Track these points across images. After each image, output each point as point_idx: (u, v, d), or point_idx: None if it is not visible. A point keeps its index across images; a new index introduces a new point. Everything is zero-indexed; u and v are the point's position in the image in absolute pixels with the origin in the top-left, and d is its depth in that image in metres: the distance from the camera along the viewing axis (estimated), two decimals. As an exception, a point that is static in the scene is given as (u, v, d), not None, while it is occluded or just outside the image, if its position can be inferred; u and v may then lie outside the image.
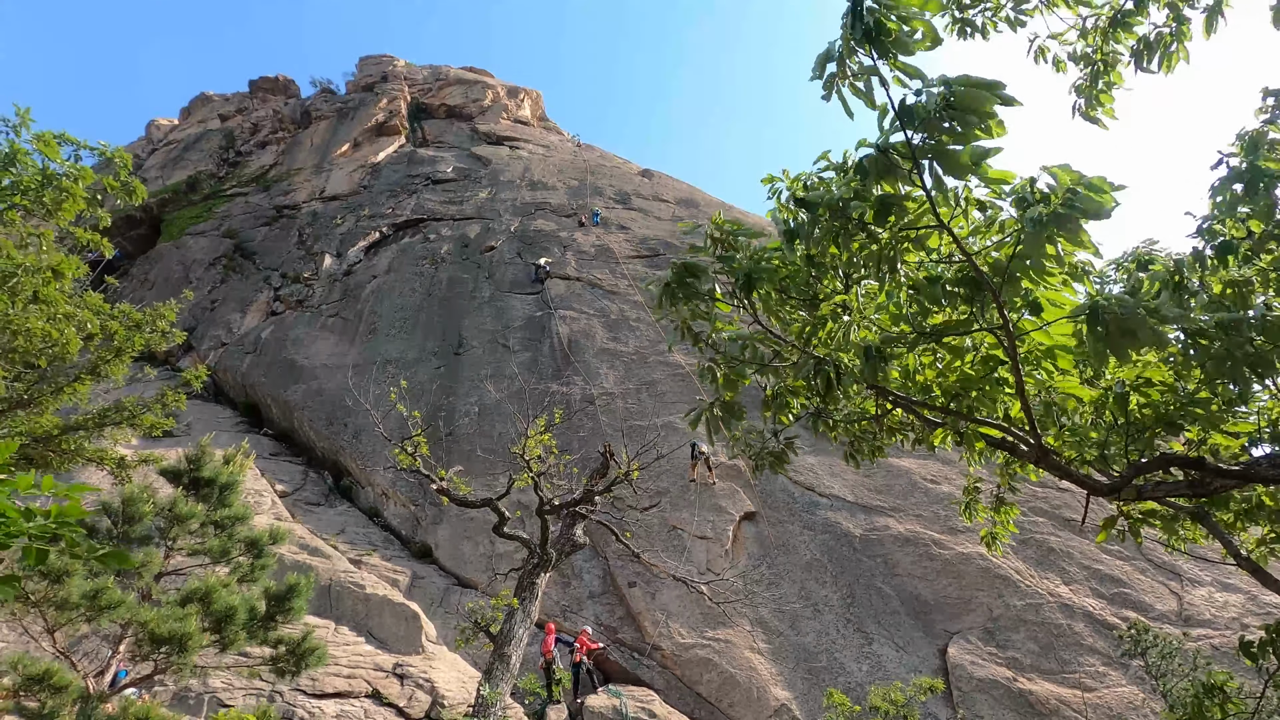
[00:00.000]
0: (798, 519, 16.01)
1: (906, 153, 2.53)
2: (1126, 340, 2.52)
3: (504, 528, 11.99)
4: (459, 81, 46.74)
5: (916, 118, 2.45)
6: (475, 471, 17.39)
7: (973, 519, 6.44)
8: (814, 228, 2.81)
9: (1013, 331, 2.77)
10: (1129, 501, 3.85)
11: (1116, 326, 2.55)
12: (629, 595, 14.71)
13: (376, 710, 11.72)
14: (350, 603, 14.28)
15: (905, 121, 2.43)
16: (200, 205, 37.44)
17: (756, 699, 12.72)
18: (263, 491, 18.29)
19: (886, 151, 2.61)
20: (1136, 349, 2.57)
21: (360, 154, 39.09)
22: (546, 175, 34.73)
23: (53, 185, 7.60)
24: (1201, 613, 13.56)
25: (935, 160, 2.55)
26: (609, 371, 20.70)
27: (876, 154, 2.59)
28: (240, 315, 28.23)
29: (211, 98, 49.06)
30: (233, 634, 6.34)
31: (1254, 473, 3.22)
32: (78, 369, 10.35)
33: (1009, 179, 2.66)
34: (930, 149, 2.50)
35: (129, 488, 7.03)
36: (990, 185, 2.68)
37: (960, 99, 2.37)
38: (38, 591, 5.95)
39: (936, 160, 2.55)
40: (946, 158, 2.54)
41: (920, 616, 13.95)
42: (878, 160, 2.58)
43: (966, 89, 2.41)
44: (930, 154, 2.55)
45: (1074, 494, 15.99)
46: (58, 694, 5.82)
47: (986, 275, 2.64)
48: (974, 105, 2.42)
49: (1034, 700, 12.20)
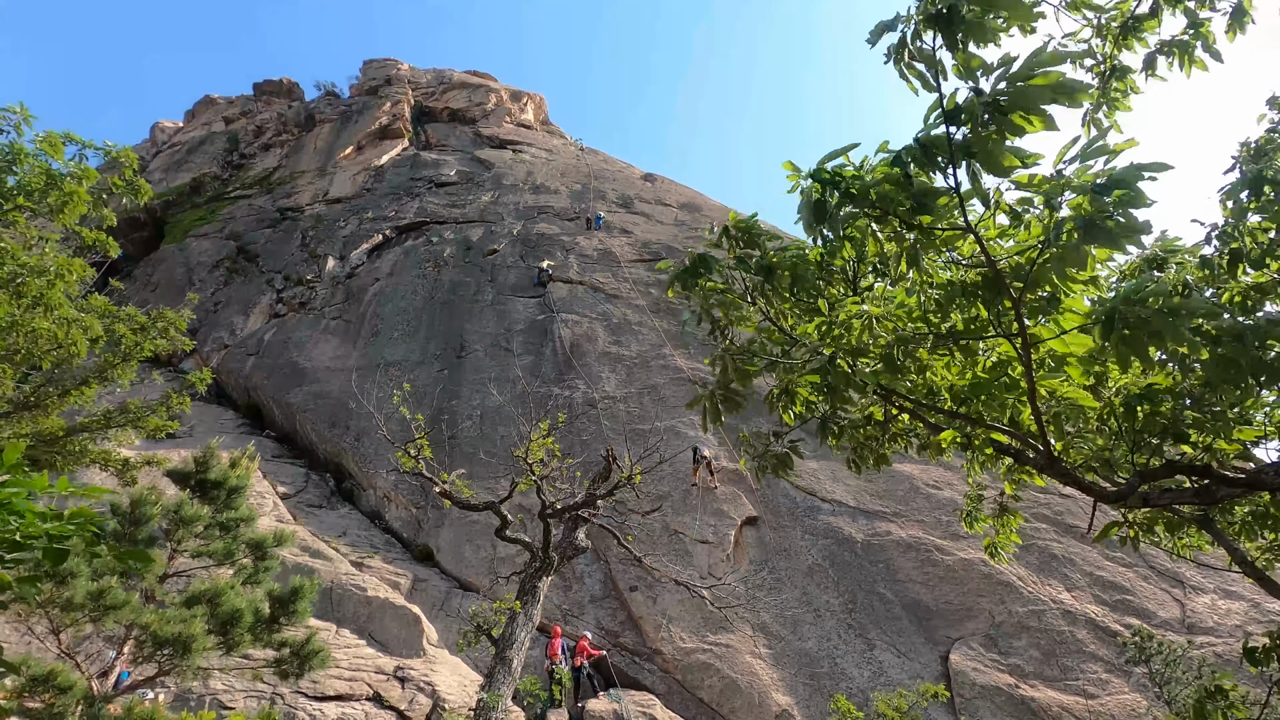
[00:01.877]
0: (799, 524, 15.99)
1: (946, 149, 2.45)
2: (1152, 341, 2.49)
3: (506, 531, 11.98)
4: (462, 85, 46.92)
5: (963, 117, 2.38)
6: (477, 475, 17.39)
7: (973, 527, 6.43)
8: (843, 206, 2.73)
9: (1028, 339, 2.77)
10: (1135, 508, 3.86)
11: (1139, 328, 2.51)
12: (630, 599, 14.69)
13: (377, 713, 11.70)
14: (352, 605, 14.27)
15: (950, 118, 2.37)
16: (204, 208, 37.57)
17: (758, 704, 12.69)
18: (265, 493, 18.30)
19: (928, 148, 2.53)
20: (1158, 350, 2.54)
21: (364, 157, 39.22)
22: (549, 179, 34.83)
23: (57, 187, 7.63)
24: (1204, 620, 13.53)
25: (975, 159, 2.48)
26: (611, 375, 20.72)
27: (916, 147, 2.53)
28: (243, 317, 28.28)
29: (216, 100, 49.27)
30: (238, 636, 6.35)
31: (1261, 480, 3.23)
32: (85, 372, 10.38)
33: (1039, 181, 2.61)
34: (971, 145, 2.42)
35: (137, 489, 7.05)
36: (1023, 189, 2.63)
37: (1015, 97, 2.28)
38: (43, 592, 5.97)
39: (977, 159, 2.48)
40: (989, 157, 2.45)
41: (922, 622, 13.92)
42: (916, 153, 2.53)
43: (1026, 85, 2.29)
44: (971, 153, 2.46)
45: (1077, 500, 15.96)
46: (62, 695, 5.82)
47: (1006, 280, 2.63)
48: (1029, 102, 2.32)
49: (1036, 707, 12.16)
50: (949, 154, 2.39)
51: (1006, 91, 2.29)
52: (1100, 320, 2.54)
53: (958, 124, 2.38)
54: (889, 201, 2.61)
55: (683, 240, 28.10)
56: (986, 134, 2.35)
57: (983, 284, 2.77)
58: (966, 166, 2.45)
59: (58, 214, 7.83)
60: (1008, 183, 2.58)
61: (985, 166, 2.45)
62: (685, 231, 29.20)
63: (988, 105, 2.28)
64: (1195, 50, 4.72)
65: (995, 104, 2.28)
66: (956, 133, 2.39)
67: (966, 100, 2.36)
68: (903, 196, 2.59)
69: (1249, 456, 4.15)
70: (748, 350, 3.96)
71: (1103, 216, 2.36)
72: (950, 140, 2.37)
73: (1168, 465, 3.35)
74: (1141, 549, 15.50)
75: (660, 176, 37.55)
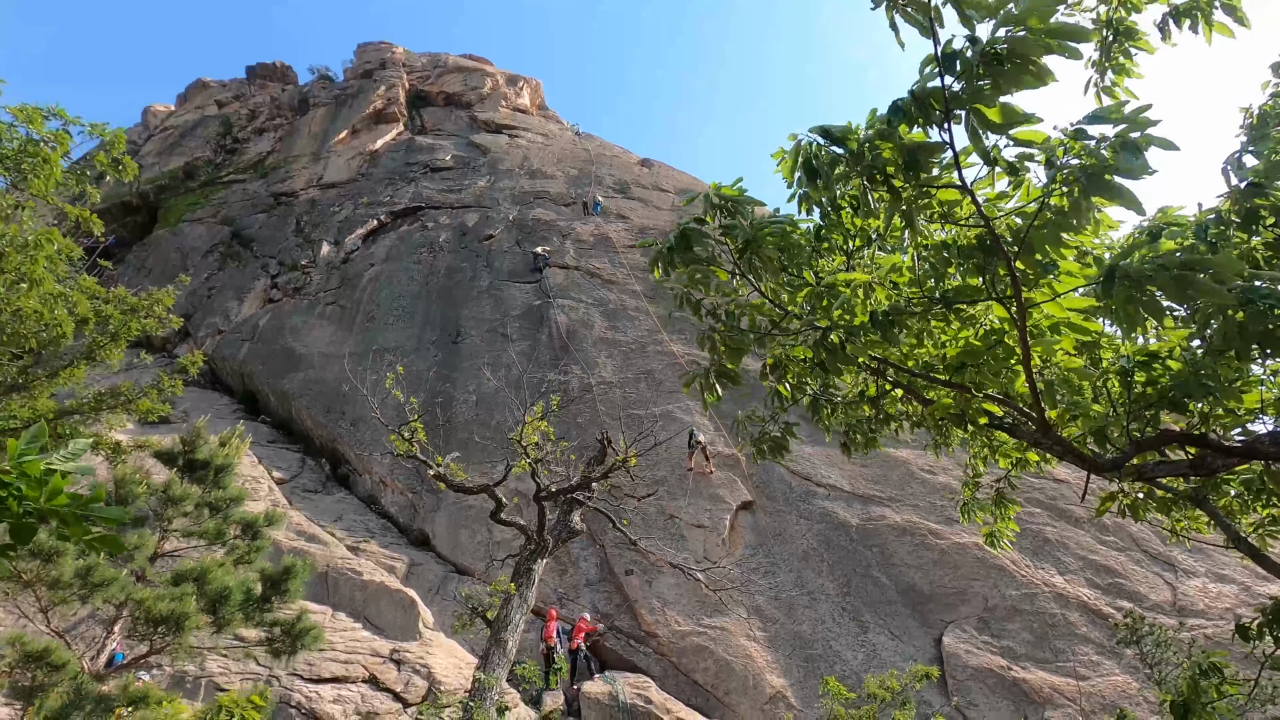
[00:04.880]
0: (794, 508, 16.03)
1: (941, 101, 2.34)
2: (1152, 302, 2.42)
3: (501, 514, 11.97)
4: (458, 69, 46.38)
5: (959, 66, 2.27)
6: (473, 459, 17.37)
7: (970, 519, 6.38)
8: (835, 166, 2.64)
9: (1023, 302, 2.70)
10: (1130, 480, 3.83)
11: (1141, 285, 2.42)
12: (626, 583, 14.74)
13: (373, 695, 11.74)
14: (348, 590, 14.28)
15: (946, 68, 2.27)
16: (197, 192, 37.20)
17: (752, 686, 12.77)
18: (260, 479, 18.26)
19: (922, 100, 2.42)
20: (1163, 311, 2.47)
21: (358, 142, 38.83)
22: (546, 164, 34.54)
23: (29, 154, 7.46)
24: (1195, 603, 13.63)
25: (972, 113, 2.37)
26: (607, 361, 20.67)
27: (910, 99, 2.41)
28: (238, 303, 28.10)
29: (209, 84, 48.61)
30: (229, 614, 6.32)
31: (1257, 450, 3.19)
32: (73, 353, 10.27)
33: (1039, 139, 2.53)
34: (968, 97, 2.31)
35: (121, 468, 6.99)
36: (1022, 144, 2.54)
37: (1015, 45, 2.18)
38: (30, 571, 5.92)
39: (973, 113, 2.37)
40: (984, 110, 2.36)
41: (916, 606, 13.99)
42: (909, 105, 2.42)
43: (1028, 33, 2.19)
44: (967, 105, 2.36)
45: (1071, 485, 16.02)
46: (55, 672, 5.80)
47: (1002, 241, 2.56)
48: (1029, 51, 2.22)
49: (1028, 689, 12.26)
50: (944, 105, 2.30)
51: (1005, 39, 2.19)
52: (1101, 279, 2.48)
53: (954, 74, 2.29)
54: (881, 159, 2.53)
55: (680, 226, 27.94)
56: (984, 87, 2.26)
57: (978, 245, 2.70)
58: (966, 121, 2.36)
59: (31, 179, 7.68)
60: (1006, 139, 2.49)
61: (980, 122, 2.36)
62: (682, 217, 29.04)
63: (984, 55, 2.19)
64: (1213, 14, 4.56)
65: (993, 53, 2.18)
66: (953, 83, 2.30)
67: (962, 48, 2.26)
68: (895, 152, 2.51)
69: (1245, 431, 4.12)
70: (736, 326, 3.89)
71: (1105, 169, 2.29)
72: (945, 91, 2.28)
73: (1163, 434, 3.31)
74: (1134, 532, 15.56)
75: (657, 162, 37.28)
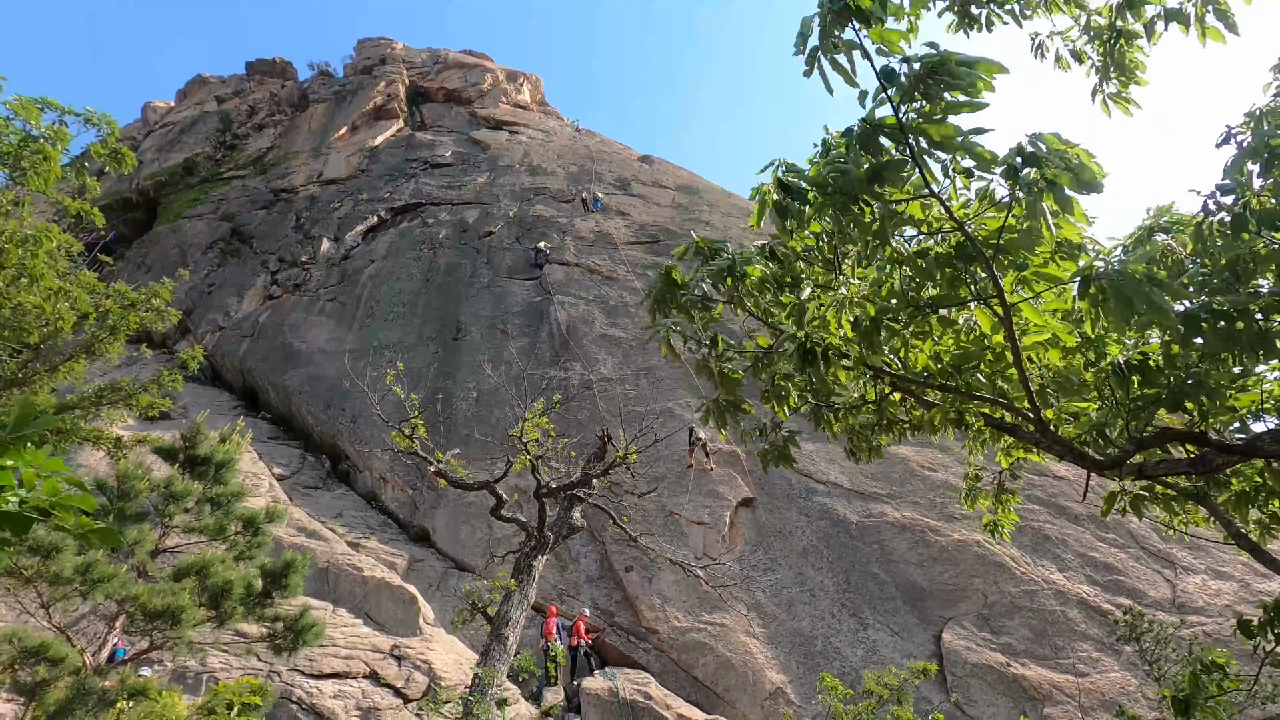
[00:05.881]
0: (795, 505, 16.04)
1: (895, 127, 2.50)
2: (1122, 307, 2.49)
3: (502, 510, 11.99)
4: (458, 65, 46.24)
5: (899, 86, 2.42)
6: (473, 455, 17.38)
7: (974, 506, 6.45)
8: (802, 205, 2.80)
9: (1006, 299, 2.74)
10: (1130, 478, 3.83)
11: (1113, 293, 2.53)
12: (626, 579, 14.76)
13: (374, 691, 11.77)
14: (348, 585, 14.31)
15: (887, 85, 2.41)
16: (197, 188, 37.13)
17: (752, 682, 12.80)
18: (260, 474, 18.28)
19: (875, 126, 2.59)
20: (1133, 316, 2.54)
21: (358, 138, 38.74)
22: (546, 160, 34.46)
23: (29, 149, 7.44)
24: (1195, 600, 13.65)
25: (920, 136, 2.52)
26: (607, 357, 20.66)
27: (863, 127, 2.55)
28: (237, 299, 28.07)
29: (208, 80, 48.48)
30: (229, 609, 6.33)
31: (1258, 448, 3.19)
32: (72, 348, 10.26)
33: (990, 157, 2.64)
34: (915, 124, 2.47)
35: (123, 464, 6.99)
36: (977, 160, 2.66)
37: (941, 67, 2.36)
38: (31, 567, 5.93)
39: (922, 135, 2.53)
40: (931, 132, 2.52)
41: (915, 602, 14.02)
42: (864, 134, 2.56)
43: (947, 61, 2.40)
44: (915, 130, 2.52)
45: (1071, 482, 16.02)
46: (54, 667, 5.81)
47: (979, 243, 2.61)
48: (956, 73, 2.40)
49: (1027, 685, 12.29)
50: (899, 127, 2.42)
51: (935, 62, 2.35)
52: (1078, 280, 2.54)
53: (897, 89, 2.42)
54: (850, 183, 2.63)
55: (680, 223, 27.90)
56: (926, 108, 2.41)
57: (956, 251, 2.77)
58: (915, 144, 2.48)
59: (30, 175, 7.67)
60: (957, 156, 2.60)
61: (930, 142, 2.49)
62: (683, 214, 28.98)
63: (917, 76, 2.32)
64: (1206, 18, 4.58)
65: (927, 71, 2.34)
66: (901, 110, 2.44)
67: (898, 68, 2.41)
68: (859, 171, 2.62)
69: (1245, 429, 4.11)
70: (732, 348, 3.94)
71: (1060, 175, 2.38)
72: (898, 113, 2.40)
73: (1163, 432, 3.31)
74: (1133, 529, 15.55)
75: (657, 158, 37.21)
